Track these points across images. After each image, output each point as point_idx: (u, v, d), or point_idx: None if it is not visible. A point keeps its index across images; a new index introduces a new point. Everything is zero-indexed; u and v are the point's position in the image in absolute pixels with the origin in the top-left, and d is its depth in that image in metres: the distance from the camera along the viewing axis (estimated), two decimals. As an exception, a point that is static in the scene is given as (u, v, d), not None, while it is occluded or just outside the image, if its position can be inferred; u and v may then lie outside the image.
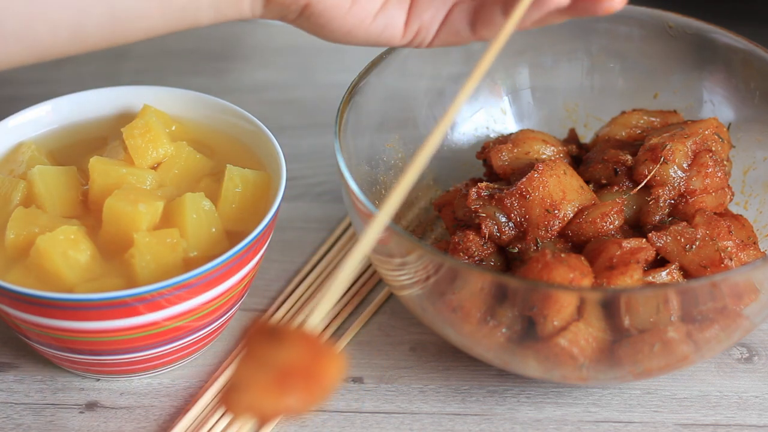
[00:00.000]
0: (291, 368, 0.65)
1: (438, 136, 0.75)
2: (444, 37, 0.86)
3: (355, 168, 0.97)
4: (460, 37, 0.86)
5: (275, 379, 0.65)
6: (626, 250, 0.90)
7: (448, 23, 0.85)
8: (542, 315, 0.86)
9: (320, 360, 0.66)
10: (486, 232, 0.94)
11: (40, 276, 0.90)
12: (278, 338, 0.66)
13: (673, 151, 0.95)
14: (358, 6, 0.83)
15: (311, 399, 0.65)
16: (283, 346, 0.66)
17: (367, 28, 0.84)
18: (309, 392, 0.65)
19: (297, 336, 0.66)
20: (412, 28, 0.85)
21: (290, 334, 0.66)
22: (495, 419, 0.94)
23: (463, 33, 0.86)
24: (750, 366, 0.98)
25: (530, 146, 0.99)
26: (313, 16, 0.83)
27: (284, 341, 0.66)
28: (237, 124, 1.02)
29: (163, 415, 0.95)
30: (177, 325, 0.91)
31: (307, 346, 0.66)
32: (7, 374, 0.98)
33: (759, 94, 1.03)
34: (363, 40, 0.85)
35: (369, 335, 1.01)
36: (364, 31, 0.84)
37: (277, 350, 0.66)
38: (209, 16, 0.83)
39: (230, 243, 0.92)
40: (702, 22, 1.05)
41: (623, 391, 0.96)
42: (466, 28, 0.85)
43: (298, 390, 0.65)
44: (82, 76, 1.29)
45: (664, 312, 0.86)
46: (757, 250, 0.94)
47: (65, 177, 0.96)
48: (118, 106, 1.04)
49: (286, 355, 0.65)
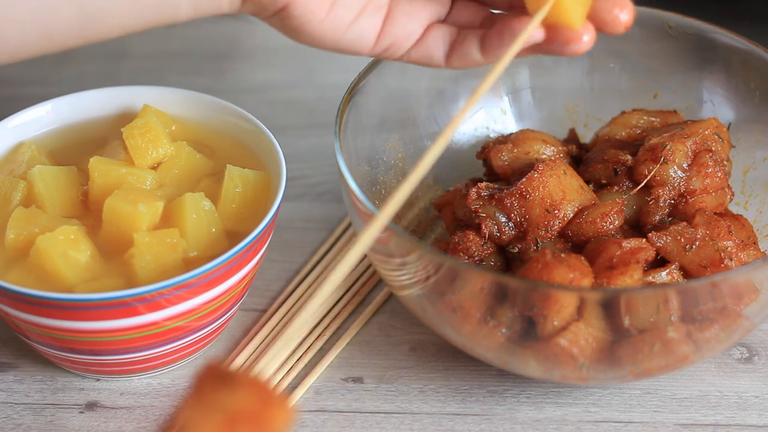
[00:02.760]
0: (238, 413, 0.66)
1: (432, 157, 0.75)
2: (415, 56, 0.85)
3: (355, 168, 0.97)
4: (431, 61, 0.85)
5: (222, 423, 0.66)
6: (626, 250, 0.90)
7: (422, 45, 0.85)
8: (542, 315, 0.86)
9: (269, 408, 0.67)
10: (486, 232, 0.94)
11: (40, 276, 0.90)
12: (229, 383, 0.67)
13: (673, 151, 0.95)
14: (334, 14, 0.82)
15: None
16: (233, 392, 0.67)
17: (340, 36, 0.83)
18: None
19: (248, 383, 0.67)
20: (384, 42, 0.84)
21: (241, 380, 0.67)
22: (495, 419, 0.94)
23: (435, 59, 0.85)
24: (750, 366, 0.98)
25: (530, 146, 0.99)
26: (288, 18, 0.82)
27: (235, 387, 0.67)
28: (237, 124, 1.02)
29: (163, 415, 0.95)
30: (177, 325, 0.91)
31: (256, 393, 0.67)
32: (7, 374, 0.98)
33: (759, 94, 1.03)
34: (332, 47, 0.84)
35: (369, 335, 1.01)
36: (336, 39, 0.83)
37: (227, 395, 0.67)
38: (188, 12, 0.81)
39: (230, 243, 0.92)
40: (702, 22, 1.05)
41: (623, 391, 0.96)
42: (439, 56, 0.85)
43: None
44: (82, 76, 1.29)
45: (664, 312, 0.86)
46: (757, 250, 0.94)
47: (65, 177, 0.96)
48: (118, 106, 1.04)
49: (235, 401, 0.66)
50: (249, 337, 1.00)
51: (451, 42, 0.84)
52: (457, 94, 1.08)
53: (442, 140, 0.76)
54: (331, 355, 0.99)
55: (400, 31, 0.84)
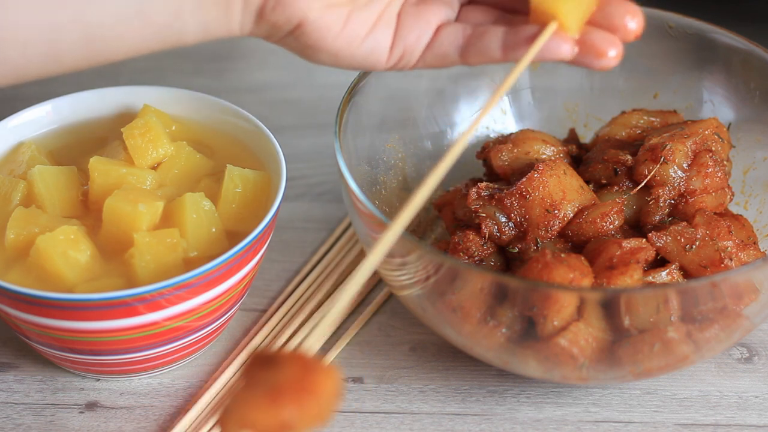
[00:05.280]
0: (283, 384, 0.67)
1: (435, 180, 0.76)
2: (430, 59, 0.85)
3: (355, 168, 0.97)
4: (446, 60, 0.85)
5: (268, 395, 0.67)
6: (626, 250, 0.90)
7: (435, 46, 0.84)
8: (542, 315, 0.86)
9: (312, 376, 0.68)
10: (486, 232, 0.94)
11: (40, 276, 0.90)
12: (272, 362, 0.68)
13: (673, 151, 0.95)
14: (349, 28, 0.82)
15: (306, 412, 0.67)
16: (276, 369, 0.68)
17: (355, 50, 0.83)
18: (302, 405, 0.67)
19: (289, 357, 0.69)
20: (397, 52, 0.83)
21: (283, 357, 0.69)
22: (495, 419, 0.94)
23: (450, 56, 0.84)
24: (750, 366, 0.98)
25: (530, 146, 0.99)
26: (304, 35, 0.82)
27: (278, 364, 0.68)
28: (237, 124, 1.02)
29: (163, 415, 0.95)
30: (177, 325, 0.91)
31: (299, 364, 0.68)
32: (7, 374, 0.98)
33: (759, 94, 1.03)
34: (348, 62, 0.83)
35: (369, 335, 1.01)
36: (351, 53, 0.83)
37: (271, 373, 0.68)
38: (196, 35, 0.80)
39: (230, 243, 0.92)
40: (702, 22, 1.05)
41: (623, 391, 0.96)
42: (454, 52, 0.84)
43: (291, 404, 0.67)
44: (82, 76, 1.29)
45: (664, 312, 0.86)
46: (757, 250, 0.94)
47: (65, 177, 0.96)
48: (118, 106, 1.04)
49: (279, 375, 0.68)
50: (249, 337, 1.00)
51: (465, 38, 0.84)
52: (457, 94, 1.08)
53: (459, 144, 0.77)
54: (331, 355, 0.99)
55: (411, 36, 0.83)
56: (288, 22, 0.81)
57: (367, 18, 0.82)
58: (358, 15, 0.82)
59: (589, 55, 0.82)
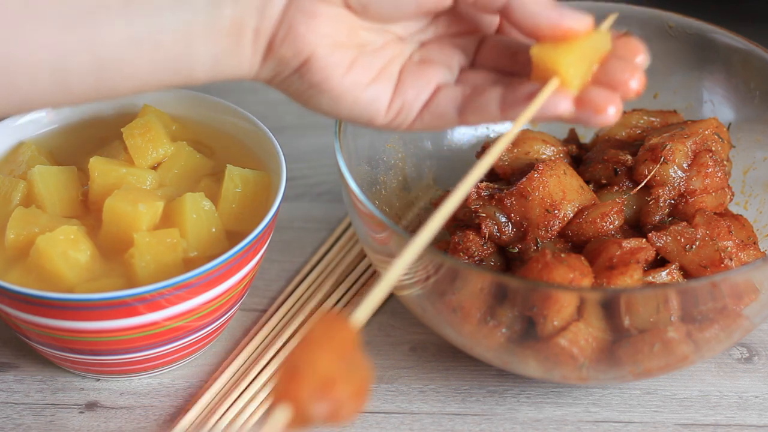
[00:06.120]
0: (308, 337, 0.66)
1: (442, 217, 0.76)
2: (428, 119, 0.84)
3: (355, 168, 0.97)
4: (444, 119, 0.84)
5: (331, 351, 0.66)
6: (626, 250, 0.90)
7: (433, 105, 0.83)
8: (542, 315, 0.86)
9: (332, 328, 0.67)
10: (486, 232, 0.94)
11: (40, 276, 0.90)
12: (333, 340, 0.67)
13: (673, 151, 0.95)
14: (355, 71, 0.81)
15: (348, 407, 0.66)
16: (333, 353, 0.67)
17: (357, 96, 0.82)
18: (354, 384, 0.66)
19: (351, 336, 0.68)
20: (395, 106, 0.83)
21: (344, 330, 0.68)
22: (495, 419, 0.94)
23: (448, 116, 0.84)
24: (750, 366, 0.98)
25: (530, 146, 0.99)
26: (310, 72, 0.81)
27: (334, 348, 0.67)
28: (237, 124, 1.02)
29: (163, 415, 0.95)
30: (177, 325, 0.91)
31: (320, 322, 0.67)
32: (7, 374, 0.98)
33: (759, 94, 1.03)
34: (348, 109, 0.82)
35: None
36: (354, 98, 0.82)
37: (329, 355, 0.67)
38: (205, 69, 0.80)
39: (230, 243, 0.92)
40: (702, 22, 1.05)
41: (623, 391, 0.96)
42: (452, 111, 0.83)
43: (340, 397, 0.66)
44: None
45: (664, 312, 0.86)
46: (757, 250, 0.94)
47: (65, 177, 0.96)
48: (118, 106, 1.04)
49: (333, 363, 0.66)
50: (249, 337, 1.00)
51: (464, 97, 0.83)
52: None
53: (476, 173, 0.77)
54: (331, 355, 0.99)
55: (410, 92, 0.82)
56: (295, 57, 0.80)
57: (372, 65, 0.82)
58: (363, 60, 0.81)
59: (587, 111, 0.78)
